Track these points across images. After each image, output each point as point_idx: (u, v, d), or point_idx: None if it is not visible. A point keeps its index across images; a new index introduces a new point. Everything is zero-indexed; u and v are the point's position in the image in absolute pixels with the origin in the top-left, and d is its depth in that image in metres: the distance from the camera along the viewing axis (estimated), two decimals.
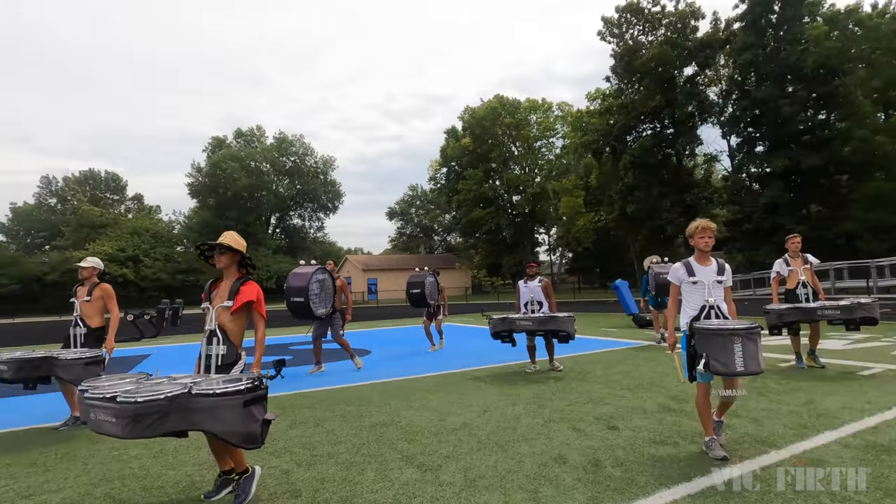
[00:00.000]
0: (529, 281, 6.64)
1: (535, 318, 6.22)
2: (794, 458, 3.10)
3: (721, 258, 3.63)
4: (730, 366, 3.00)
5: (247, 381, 2.44)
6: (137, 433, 2.26)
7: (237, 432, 2.36)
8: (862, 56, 23.89)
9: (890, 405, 4.17)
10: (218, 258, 3.10)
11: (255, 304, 3.00)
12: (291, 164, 54.73)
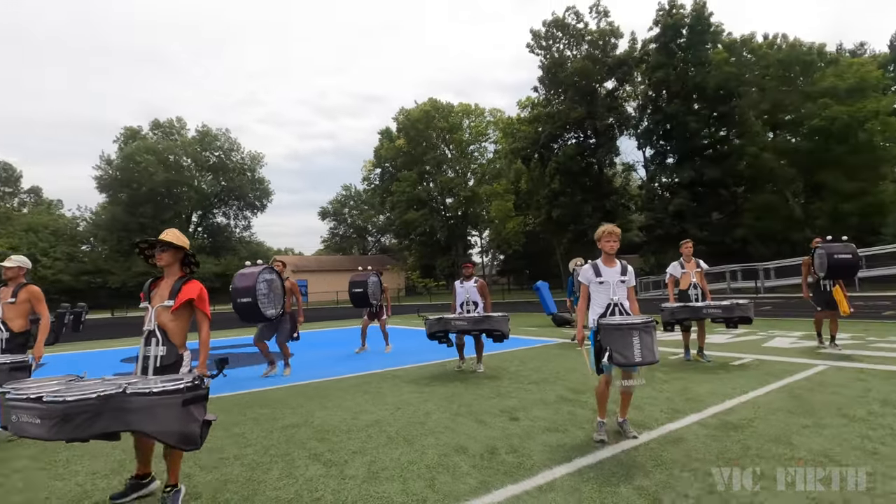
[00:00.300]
0: (465, 281, 6.72)
1: (469, 317, 6.27)
2: (661, 438, 3.54)
3: (625, 260, 3.92)
4: (629, 357, 3.31)
5: (187, 379, 2.38)
6: (65, 434, 2.19)
7: (175, 432, 2.30)
8: (754, 80, 26.76)
9: (748, 389, 4.84)
10: (159, 256, 2.97)
11: (198, 303, 2.92)
12: (216, 160, 51.92)
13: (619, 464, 3.10)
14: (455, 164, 47.91)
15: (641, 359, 3.31)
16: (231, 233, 56.12)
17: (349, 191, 68.67)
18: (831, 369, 5.64)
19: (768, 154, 25.64)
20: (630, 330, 3.34)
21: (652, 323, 3.42)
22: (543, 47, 34.69)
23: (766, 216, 26.17)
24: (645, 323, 3.37)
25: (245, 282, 6.03)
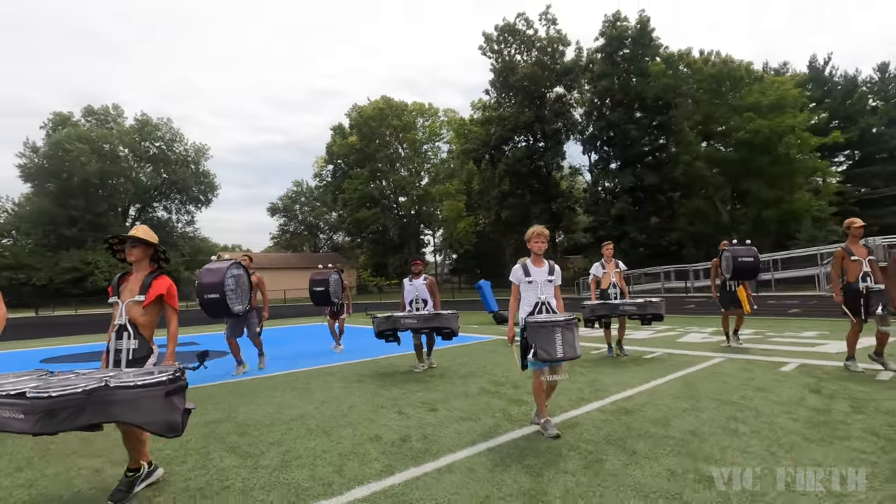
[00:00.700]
0: (415, 279, 6.61)
1: (419, 315, 6.16)
2: (561, 423, 3.88)
3: (552, 260, 4.13)
4: (552, 353, 3.47)
5: (169, 372, 2.49)
6: (50, 428, 2.25)
7: (159, 422, 2.40)
8: (689, 93, 28.49)
9: (649, 380, 5.32)
10: (129, 251, 3.05)
11: (167, 298, 3.03)
12: (156, 151, 49.33)
13: (516, 447, 3.40)
14: (408, 163, 47.97)
15: (563, 354, 3.49)
16: (173, 228, 53.45)
17: (300, 187, 67.23)
18: (726, 361, 6.26)
19: (700, 163, 27.41)
20: (553, 327, 3.50)
21: (574, 320, 3.59)
22: (495, 51, 35.43)
23: (698, 221, 27.98)
24: (567, 320, 3.54)
25: (212, 277, 5.95)
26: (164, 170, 49.77)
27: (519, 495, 2.62)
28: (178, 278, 45.78)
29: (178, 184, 50.83)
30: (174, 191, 51.95)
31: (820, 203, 28.84)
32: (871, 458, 2.94)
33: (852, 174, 40.77)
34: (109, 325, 3.04)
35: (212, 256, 6.65)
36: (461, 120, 42.52)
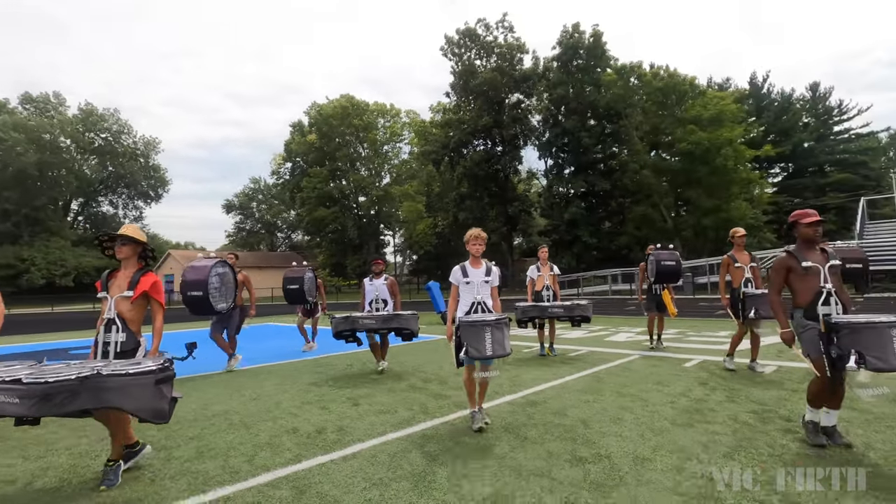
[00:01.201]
0: (375, 279, 6.51)
1: (378, 316, 6.08)
2: (469, 415, 4.20)
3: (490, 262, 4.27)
4: (482, 351, 3.60)
5: (158, 362, 2.68)
6: (45, 412, 2.44)
7: (148, 408, 2.57)
8: (638, 104, 29.81)
9: (564, 375, 5.74)
10: (119, 249, 3.24)
11: (153, 294, 3.21)
12: (102, 142, 47.01)
13: (423, 436, 3.69)
14: (369, 163, 47.77)
15: (492, 352, 3.62)
16: (119, 223, 51.08)
17: (258, 184, 65.67)
18: (640, 358, 6.79)
19: (647, 171, 28.71)
20: (483, 326, 3.65)
21: (504, 320, 3.74)
22: (456, 54, 35.88)
23: (645, 226, 29.34)
24: (497, 320, 3.69)
25: (196, 275, 6.00)
26: (111, 163, 47.51)
27: (409, 477, 2.91)
28: None
29: (125, 178, 48.65)
30: (121, 185, 49.70)
31: (755, 212, 30.84)
32: (722, 437, 3.41)
33: (786, 185, 43.76)
34: (98, 319, 3.21)
35: (198, 254, 6.72)
36: (422, 122, 42.76)
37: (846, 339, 2.95)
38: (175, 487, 2.87)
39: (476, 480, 2.83)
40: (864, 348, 2.86)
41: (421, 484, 2.80)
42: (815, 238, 3.36)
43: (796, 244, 3.45)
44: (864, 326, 2.90)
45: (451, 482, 2.82)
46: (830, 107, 43.33)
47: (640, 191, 30.45)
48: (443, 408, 4.47)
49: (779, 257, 3.46)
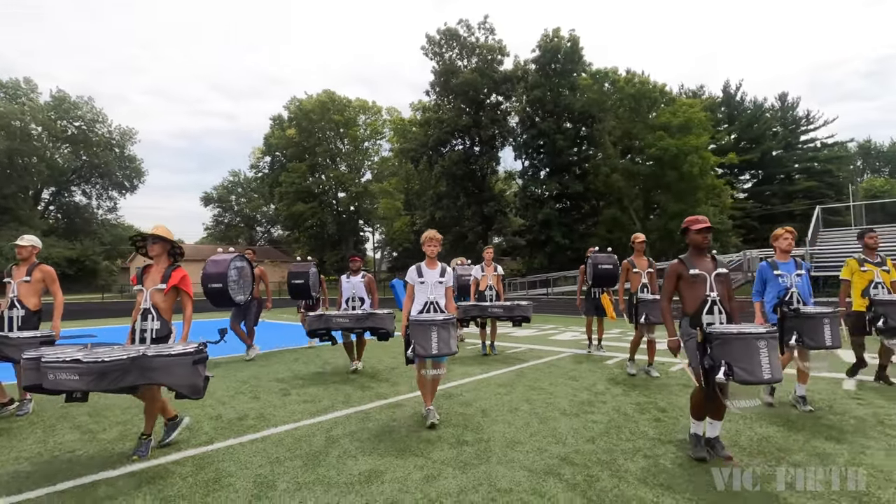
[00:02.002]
0: (352, 276, 6.41)
1: (352, 315, 5.94)
2: (389, 404, 4.56)
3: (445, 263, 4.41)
4: (428, 349, 3.76)
5: (195, 345, 3.10)
6: (100, 387, 2.86)
7: (186, 385, 3.00)
8: (612, 109, 30.48)
9: (491, 370, 6.15)
10: (151, 247, 3.66)
11: (183, 287, 3.61)
12: (75, 131, 46.10)
13: (334, 422, 4.04)
14: (349, 159, 47.77)
15: (437, 351, 3.76)
16: (92, 214, 50.16)
17: (237, 177, 65.01)
18: (570, 356, 7.24)
19: (618, 175, 29.41)
20: (430, 325, 3.78)
21: (451, 320, 3.89)
22: (437, 54, 36.12)
23: (616, 229, 30.06)
24: (444, 320, 3.83)
25: (216, 268, 6.37)
26: (85, 152, 46.62)
27: (303, 457, 3.26)
28: (95, 268, 43.19)
29: (99, 168, 47.77)
30: (95, 175, 48.78)
31: (721, 217, 31.82)
32: (595, 426, 3.83)
33: (755, 192, 45.18)
34: (134, 309, 3.63)
35: (218, 248, 7.17)
36: (402, 119, 42.93)
37: (717, 350, 2.88)
38: (91, 464, 3.17)
39: (359, 459, 3.20)
40: (733, 359, 2.80)
41: (312, 462, 3.16)
42: (704, 245, 3.29)
43: (688, 251, 3.38)
44: (733, 337, 2.84)
45: (339, 461, 3.18)
46: (798, 116, 44.85)
47: (612, 194, 31.18)
48: (363, 398, 4.83)
49: (670, 264, 3.38)
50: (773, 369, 2.76)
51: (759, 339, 2.79)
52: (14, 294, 4.47)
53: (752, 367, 2.75)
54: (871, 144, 65.14)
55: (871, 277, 5.00)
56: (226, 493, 2.72)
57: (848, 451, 3.21)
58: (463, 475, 2.92)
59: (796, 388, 4.28)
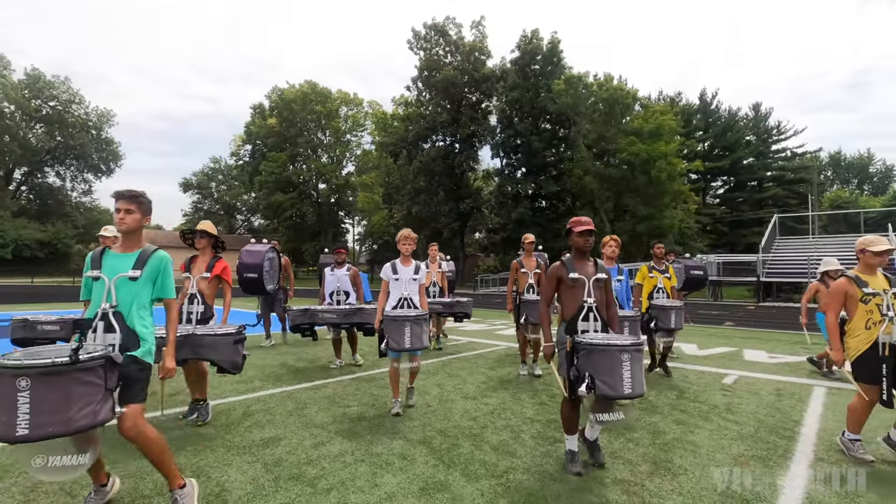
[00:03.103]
0: (337, 268, 6.21)
1: (340, 310, 5.71)
2: (314, 387, 5.05)
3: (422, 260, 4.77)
4: (401, 343, 3.94)
5: (236, 327, 3.63)
6: (157, 359, 3.06)
7: (228, 361, 3.52)
8: (586, 113, 31.18)
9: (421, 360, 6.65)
10: (198, 241, 4.20)
11: (224, 276, 4.12)
12: (50, 111, 45.24)
13: (258, 400, 4.52)
14: (330, 150, 47.83)
15: (410, 345, 3.94)
16: (66, 196, 49.35)
17: (218, 164, 64.42)
18: (502, 349, 7.81)
19: (590, 177, 30.18)
20: (403, 321, 3.94)
21: (423, 316, 4.03)
22: (422, 48, 36.43)
23: None
24: (416, 316, 3.98)
25: (253, 259, 6.69)
26: (60, 133, 45.79)
27: (218, 426, 3.75)
28: (67, 252, 42.61)
29: (74, 149, 46.99)
30: (70, 156, 47.97)
31: (689, 222, 32.88)
32: (485, 407, 4.39)
33: (727, 198, 46.60)
34: (180, 294, 4.01)
35: (251, 239, 7.50)
36: (383, 113, 43.15)
37: (582, 361, 2.77)
38: None
39: (266, 429, 3.70)
40: (595, 372, 2.70)
41: (223, 430, 3.66)
42: (586, 248, 3.19)
43: (571, 253, 3.29)
44: (597, 348, 2.73)
45: (247, 430, 3.68)
46: (770, 126, 46.28)
47: (584, 195, 31.96)
48: (291, 380, 5.32)
49: (552, 265, 3.25)
50: (634, 384, 2.68)
51: (622, 351, 2.69)
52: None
53: (614, 381, 2.67)
54: (840, 156, 67.29)
55: (656, 283, 5.86)
56: None
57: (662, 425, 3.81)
58: (347, 442, 3.44)
59: None
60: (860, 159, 66.04)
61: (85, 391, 2.08)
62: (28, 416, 1.95)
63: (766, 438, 3.64)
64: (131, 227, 2.58)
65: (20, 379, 1.96)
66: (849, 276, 3.39)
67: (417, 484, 2.81)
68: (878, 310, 3.23)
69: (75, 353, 2.04)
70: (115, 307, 2.46)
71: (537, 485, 2.82)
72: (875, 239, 3.42)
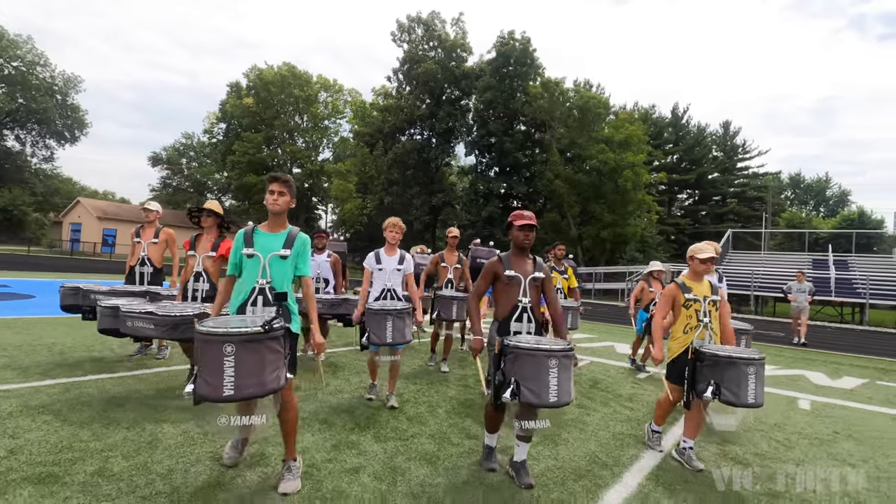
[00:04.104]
0: (317, 254, 5.86)
1: (324, 299, 5.26)
2: None
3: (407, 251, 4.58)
4: (382, 337, 3.86)
5: None
6: (171, 336, 3.42)
7: None
8: (560, 118, 31.91)
9: None
10: (204, 219, 4.22)
11: (229, 255, 4.29)
12: (12, 71, 43.25)
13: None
14: (307, 135, 47.36)
15: (392, 340, 3.82)
16: (25, 161, 47.37)
17: (190, 140, 62.82)
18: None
19: (560, 181, 30.98)
20: (386, 315, 3.81)
21: (407, 309, 3.91)
22: (405, 41, 36.48)
23: (552, 232, 31.71)
24: (400, 310, 3.83)
25: None
26: (21, 95, 43.88)
27: (113, 399, 4.04)
28: (23, 219, 41.04)
29: (37, 113, 45.06)
30: (32, 120, 45.99)
31: (652, 231, 34.13)
32: (403, 386, 4.80)
33: (691, 210, 48.43)
34: (183, 271, 4.29)
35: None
36: (363, 102, 43.02)
37: (509, 365, 2.58)
38: None
39: None
40: (521, 378, 2.52)
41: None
42: (525, 244, 3.01)
43: (510, 249, 3.12)
44: (524, 352, 2.54)
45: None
46: (736, 144, 48.25)
47: (553, 198, 32.77)
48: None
49: (490, 261, 3.12)
50: (560, 391, 2.52)
51: (550, 356, 2.51)
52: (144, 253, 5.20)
53: (539, 389, 2.49)
54: (800, 177, 70.54)
55: (555, 283, 5.69)
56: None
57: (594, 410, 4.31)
58: None
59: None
60: (818, 182, 69.31)
61: (273, 358, 2.26)
62: (233, 378, 2.12)
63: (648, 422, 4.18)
64: (283, 209, 2.76)
65: (227, 345, 2.13)
66: (677, 282, 3.46)
67: (331, 442, 3.20)
68: (697, 315, 3.33)
69: (269, 323, 2.23)
70: (270, 283, 2.64)
71: (434, 447, 3.26)
72: (702, 247, 3.50)
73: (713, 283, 3.49)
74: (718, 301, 3.40)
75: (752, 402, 2.97)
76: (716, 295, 3.39)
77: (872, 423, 4.72)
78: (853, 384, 6.59)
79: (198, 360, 2.17)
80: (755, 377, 2.96)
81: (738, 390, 2.95)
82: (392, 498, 2.55)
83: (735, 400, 2.96)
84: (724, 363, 2.99)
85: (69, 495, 2.29)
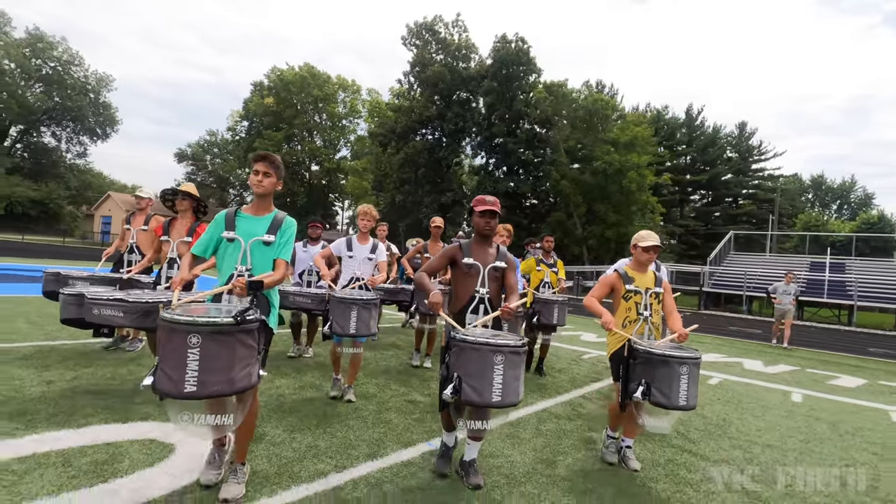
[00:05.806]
0: (311, 245, 5.69)
1: (315, 294, 4.89)
2: None
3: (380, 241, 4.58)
4: (345, 328, 3.66)
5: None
6: (143, 325, 3.17)
7: None
8: (568, 118, 32.50)
9: None
10: (180, 202, 3.98)
11: None
12: (50, 71, 45.76)
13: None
14: (325, 134, 48.85)
15: (355, 331, 3.61)
16: (61, 157, 50.03)
17: (214, 137, 65.13)
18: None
19: (566, 181, 31.63)
20: (351, 304, 3.59)
21: (374, 301, 3.71)
22: (414, 45, 37.51)
23: (559, 231, 32.41)
24: (366, 300, 3.63)
25: None
26: (58, 94, 46.37)
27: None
28: (58, 212, 43.49)
29: (72, 111, 47.59)
30: (67, 118, 48.55)
31: (655, 231, 34.43)
32: (363, 378, 5.82)
33: (703, 211, 48.32)
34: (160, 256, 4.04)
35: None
36: (379, 102, 44.25)
37: (454, 359, 2.41)
38: None
39: None
40: (465, 374, 2.35)
41: None
42: (486, 231, 2.85)
43: (472, 237, 2.97)
44: (468, 346, 2.36)
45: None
46: (752, 146, 47.90)
47: (560, 198, 33.43)
48: None
49: (448, 245, 3.03)
50: (505, 391, 2.33)
51: (496, 352, 2.33)
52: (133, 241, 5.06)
53: (482, 387, 2.31)
54: (822, 179, 69.24)
55: (542, 277, 5.89)
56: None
57: None
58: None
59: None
60: (843, 185, 67.92)
61: (245, 353, 2.04)
62: (196, 373, 1.91)
63: (576, 401, 5.10)
64: (268, 190, 2.50)
65: (192, 335, 1.92)
66: (618, 271, 3.24)
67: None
68: (637, 308, 3.12)
69: (242, 314, 2.00)
70: (249, 270, 2.41)
71: (399, 418, 3.74)
72: (646, 234, 3.25)
73: (658, 275, 3.26)
74: (661, 294, 3.18)
75: (683, 405, 2.73)
76: (659, 287, 3.18)
77: (763, 396, 5.56)
78: (780, 370, 7.38)
79: (160, 349, 1.99)
80: (688, 377, 2.73)
81: (668, 391, 2.72)
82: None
83: (665, 402, 2.73)
84: (657, 361, 2.76)
85: None
